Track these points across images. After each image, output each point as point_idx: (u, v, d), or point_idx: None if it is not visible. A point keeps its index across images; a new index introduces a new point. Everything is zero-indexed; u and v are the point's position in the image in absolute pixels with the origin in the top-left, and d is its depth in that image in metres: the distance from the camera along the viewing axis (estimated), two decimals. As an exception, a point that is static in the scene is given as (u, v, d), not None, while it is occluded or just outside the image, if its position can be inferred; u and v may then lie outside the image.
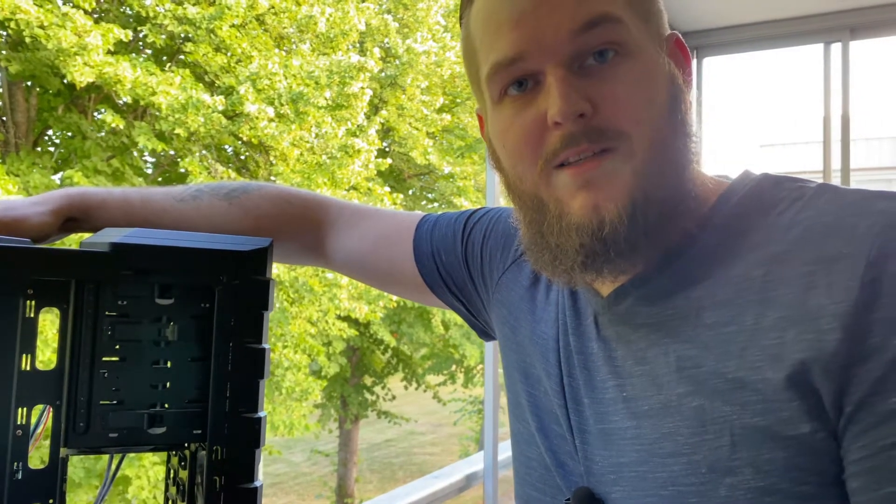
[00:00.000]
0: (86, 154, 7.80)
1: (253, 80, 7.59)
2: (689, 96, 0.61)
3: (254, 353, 0.60)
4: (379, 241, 0.91)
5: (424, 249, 0.88)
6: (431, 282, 0.88)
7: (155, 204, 0.83)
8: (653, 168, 0.57)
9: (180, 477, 0.65)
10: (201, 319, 0.59)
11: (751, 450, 0.54)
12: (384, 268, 0.92)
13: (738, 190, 0.62)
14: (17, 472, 0.56)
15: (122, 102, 7.65)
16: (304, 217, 0.91)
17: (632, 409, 0.61)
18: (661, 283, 0.62)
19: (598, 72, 0.56)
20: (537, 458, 0.71)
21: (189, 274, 0.59)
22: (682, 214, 0.60)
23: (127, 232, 0.59)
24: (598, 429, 0.64)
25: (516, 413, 0.76)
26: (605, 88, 0.56)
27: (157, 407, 0.59)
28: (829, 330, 0.51)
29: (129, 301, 0.57)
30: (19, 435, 0.57)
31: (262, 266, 0.60)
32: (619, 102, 0.56)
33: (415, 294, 0.93)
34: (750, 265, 0.57)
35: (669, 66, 0.60)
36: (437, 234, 0.88)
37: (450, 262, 0.87)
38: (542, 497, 0.70)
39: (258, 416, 0.60)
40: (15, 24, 6.50)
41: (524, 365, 0.74)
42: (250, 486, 0.60)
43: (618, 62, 0.56)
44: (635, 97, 0.56)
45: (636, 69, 0.57)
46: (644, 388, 0.61)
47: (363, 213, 0.94)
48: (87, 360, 0.57)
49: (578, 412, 0.66)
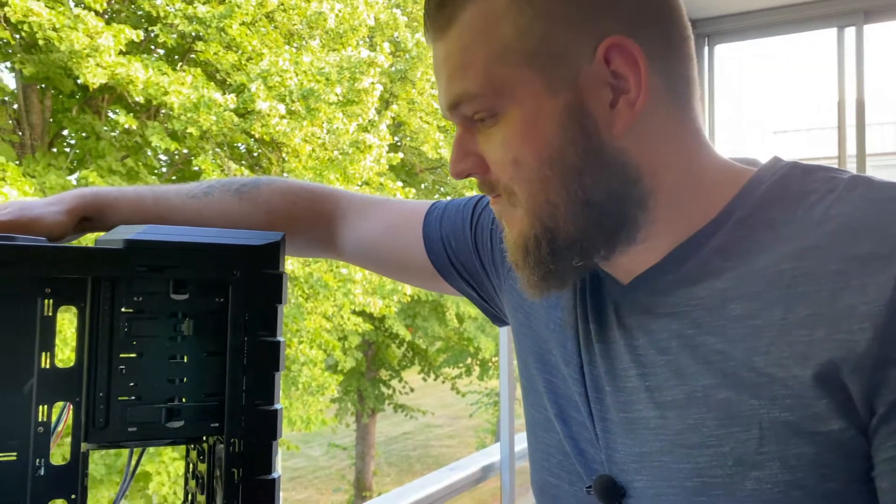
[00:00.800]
0: (100, 154, 7.86)
1: (264, 78, 7.61)
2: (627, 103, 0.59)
3: (268, 346, 0.61)
4: (389, 231, 0.91)
5: (434, 237, 0.88)
6: (442, 269, 0.88)
7: (167, 201, 0.83)
8: (541, 210, 0.61)
9: (199, 470, 0.66)
10: (216, 314, 0.60)
11: (779, 444, 0.54)
12: (395, 257, 0.92)
13: (765, 179, 0.61)
14: (39, 468, 0.57)
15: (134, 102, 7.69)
16: (313, 210, 0.91)
17: (655, 398, 0.61)
18: (683, 272, 0.61)
19: (481, 131, 0.62)
20: (555, 445, 0.71)
21: (203, 269, 0.59)
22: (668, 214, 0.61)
23: (140, 229, 0.60)
24: (620, 417, 0.64)
25: (532, 399, 0.76)
26: (485, 149, 0.63)
27: (174, 401, 0.59)
28: (860, 330, 0.51)
29: (145, 297, 0.58)
30: (41, 432, 0.58)
31: (275, 260, 0.61)
32: (493, 164, 0.62)
33: (426, 282, 0.93)
34: (779, 259, 0.57)
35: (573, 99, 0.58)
36: (447, 220, 0.88)
37: (460, 249, 0.87)
38: (559, 483, 0.70)
39: (274, 408, 0.61)
40: (28, 27, 6.56)
41: (540, 351, 0.74)
42: (268, 477, 0.60)
43: (489, 125, 0.61)
44: (504, 158, 0.61)
45: (504, 132, 0.60)
46: (667, 377, 0.60)
47: (372, 203, 0.95)
48: (104, 356, 0.57)
49: (599, 400, 0.66)
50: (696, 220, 0.61)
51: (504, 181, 0.62)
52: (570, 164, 0.59)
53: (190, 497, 0.68)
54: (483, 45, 0.59)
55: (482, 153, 0.63)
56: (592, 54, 0.58)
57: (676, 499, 0.59)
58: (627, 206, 0.60)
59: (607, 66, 0.58)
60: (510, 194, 0.62)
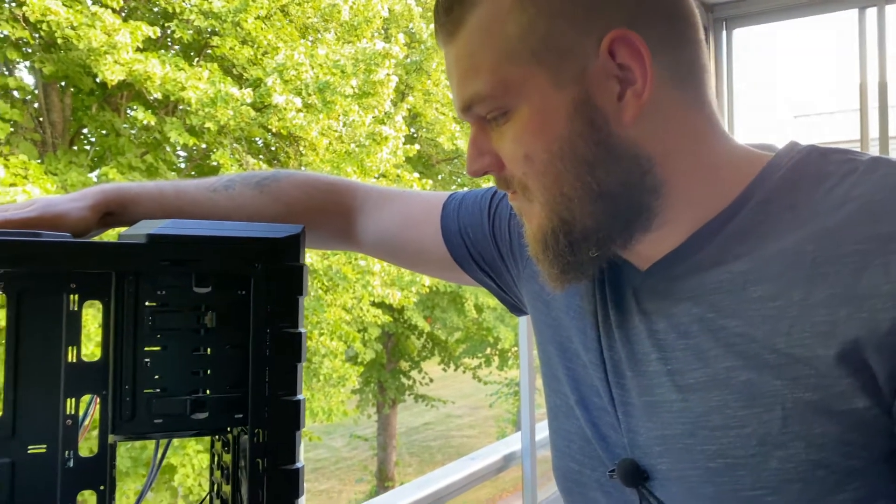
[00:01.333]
0: (120, 151, 7.93)
1: (280, 72, 7.63)
2: (634, 94, 0.59)
3: (290, 338, 0.61)
4: (406, 222, 0.92)
5: (452, 227, 0.89)
6: (460, 259, 0.89)
7: (188, 195, 0.84)
8: (556, 203, 0.62)
9: (224, 461, 0.66)
10: (238, 306, 0.61)
11: (803, 424, 0.54)
12: (413, 248, 0.93)
13: (784, 163, 0.61)
14: (68, 460, 0.58)
15: (152, 99, 7.76)
16: (332, 202, 0.92)
17: (677, 382, 0.62)
18: (702, 257, 0.62)
19: (495, 129, 0.64)
20: (577, 431, 0.71)
21: (225, 262, 0.60)
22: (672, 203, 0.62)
23: (163, 223, 0.60)
24: (642, 401, 0.65)
25: (553, 387, 0.76)
26: (499, 147, 0.64)
27: (199, 393, 0.60)
28: (883, 309, 0.51)
29: (168, 291, 0.59)
30: (69, 425, 0.59)
31: (296, 252, 0.62)
32: (507, 160, 0.64)
33: (445, 272, 0.94)
34: (799, 240, 0.57)
35: (580, 93, 0.59)
36: (464, 211, 0.88)
37: (478, 239, 0.87)
38: (581, 469, 0.71)
39: (297, 398, 0.61)
40: (47, 26, 6.62)
41: (560, 339, 0.75)
42: (292, 467, 0.61)
43: (501, 123, 0.63)
44: (516, 154, 0.62)
45: (515, 128, 0.62)
46: (689, 361, 0.61)
47: (389, 195, 0.95)
48: (130, 350, 0.58)
49: (620, 385, 0.66)
50: (713, 204, 0.62)
51: (518, 177, 0.63)
52: (581, 156, 0.60)
53: (215, 487, 0.69)
54: (490, 46, 0.61)
55: (497, 151, 0.64)
56: (597, 48, 0.59)
57: (700, 480, 0.60)
58: (641, 194, 0.61)
59: (612, 60, 0.59)
60: (525, 189, 0.64)
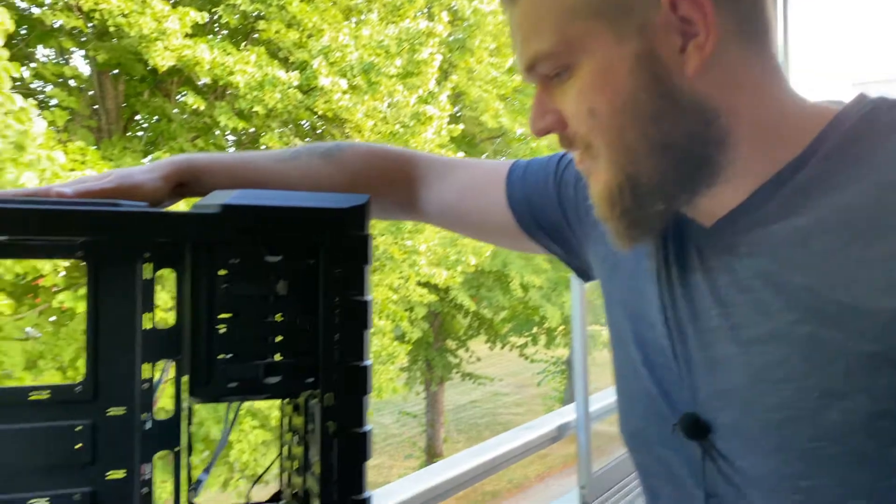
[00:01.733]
0: (172, 136, 8.11)
1: (325, 54, 7.67)
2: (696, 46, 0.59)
3: (358, 305, 0.63)
4: (470, 192, 0.92)
5: (518, 195, 0.89)
6: (527, 227, 0.89)
7: (257, 166, 0.86)
8: (621, 158, 0.62)
9: (294, 424, 0.69)
10: (307, 275, 0.62)
11: (866, 376, 0.54)
12: (477, 217, 0.93)
13: (851, 115, 0.60)
14: (145, 422, 0.61)
15: (202, 84, 7.89)
16: (395, 172, 0.93)
17: (738, 336, 0.62)
18: (766, 212, 0.61)
19: (558, 87, 0.64)
20: (642, 390, 0.72)
21: (295, 231, 0.62)
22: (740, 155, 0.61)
23: (235, 193, 0.62)
24: (703, 356, 0.65)
25: (619, 348, 0.77)
26: (562, 105, 0.64)
27: (271, 358, 0.62)
28: None
29: (241, 259, 0.61)
30: (146, 388, 0.62)
31: (362, 222, 0.63)
32: (570, 118, 0.64)
33: (509, 241, 0.94)
34: (864, 193, 0.56)
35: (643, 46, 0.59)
36: (530, 178, 0.88)
37: (544, 205, 0.87)
38: (647, 426, 0.72)
39: (365, 364, 0.63)
40: (99, 15, 6.78)
41: (626, 299, 0.75)
42: (361, 430, 0.63)
43: (564, 80, 0.63)
44: (580, 110, 0.62)
45: (578, 85, 0.62)
46: (750, 315, 0.61)
47: (452, 164, 0.96)
48: (204, 317, 0.60)
49: (682, 341, 0.67)
50: (779, 157, 0.61)
51: (582, 133, 0.63)
52: (644, 110, 0.60)
53: (286, 450, 0.72)
54: (552, 4, 0.61)
55: (560, 109, 0.65)
56: (658, 1, 0.59)
57: (761, 432, 0.60)
58: (706, 147, 0.61)
59: (674, 12, 0.59)
60: (589, 147, 0.64)
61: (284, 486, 0.73)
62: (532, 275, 10.93)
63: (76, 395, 0.59)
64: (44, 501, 0.58)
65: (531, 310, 11.65)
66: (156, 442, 0.61)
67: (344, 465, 0.62)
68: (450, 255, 8.79)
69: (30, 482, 0.58)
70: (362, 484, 0.63)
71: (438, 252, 8.69)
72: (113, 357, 0.60)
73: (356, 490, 0.63)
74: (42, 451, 0.58)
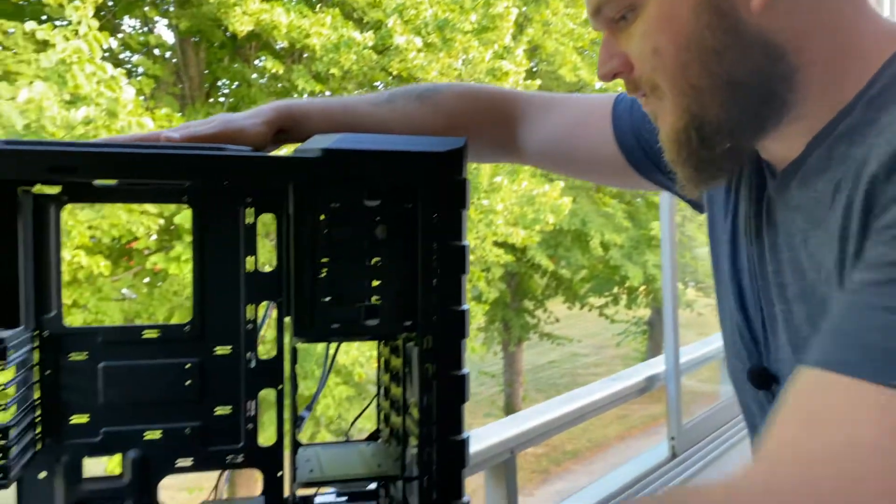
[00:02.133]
0: (252, 100, 8.29)
1: (399, 12, 7.64)
2: None
3: (455, 250, 0.63)
4: (574, 128, 0.90)
5: (625, 129, 0.86)
6: (637, 162, 0.86)
7: (354, 110, 0.86)
8: (686, 96, 0.61)
9: (393, 365, 0.70)
10: (406, 219, 0.63)
11: None
12: (582, 154, 0.91)
13: None
14: (249, 361, 0.63)
15: (279, 48, 8.01)
16: (493, 111, 0.91)
17: (783, 294, 0.64)
18: (810, 165, 0.60)
19: (623, 30, 0.64)
20: (737, 331, 0.74)
21: (394, 175, 0.62)
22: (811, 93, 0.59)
23: (335, 138, 0.63)
24: (767, 312, 0.68)
25: (719, 287, 0.78)
26: (628, 47, 0.64)
27: (370, 301, 0.63)
28: None
29: (342, 203, 0.62)
30: (250, 329, 0.64)
31: (459, 165, 0.63)
32: (636, 59, 0.63)
33: (617, 178, 0.92)
34: (874, 147, 0.52)
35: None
36: (637, 110, 0.85)
37: (655, 139, 0.84)
38: (739, 364, 0.75)
39: (462, 308, 0.63)
40: (180, -18, 6.96)
41: (720, 243, 0.76)
42: (459, 373, 0.64)
43: (630, 22, 0.63)
44: (644, 50, 0.62)
45: (642, 25, 0.61)
46: (789, 273, 0.63)
47: (553, 101, 0.93)
48: (306, 260, 0.62)
49: (754, 295, 0.69)
50: (847, 96, 0.58)
51: (647, 74, 0.63)
52: (708, 46, 0.59)
53: (383, 390, 0.73)
54: None
55: (626, 52, 0.64)
56: None
57: None
58: (772, 83, 0.59)
59: None
60: (655, 88, 0.63)
61: (382, 425, 0.75)
62: (613, 233, 10.74)
63: (185, 334, 0.62)
64: (157, 434, 0.61)
65: (611, 269, 11.46)
66: (260, 380, 0.64)
67: (442, 406, 0.63)
68: (528, 214, 8.71)
69: (145, 416, 0.61)
70: (460, 425, 0.64)
71: (515, 211, 8.62)
72: (218, 299, 0.63)
73: (454, 431, 0.64)
74: (155, 386, 0.62)
